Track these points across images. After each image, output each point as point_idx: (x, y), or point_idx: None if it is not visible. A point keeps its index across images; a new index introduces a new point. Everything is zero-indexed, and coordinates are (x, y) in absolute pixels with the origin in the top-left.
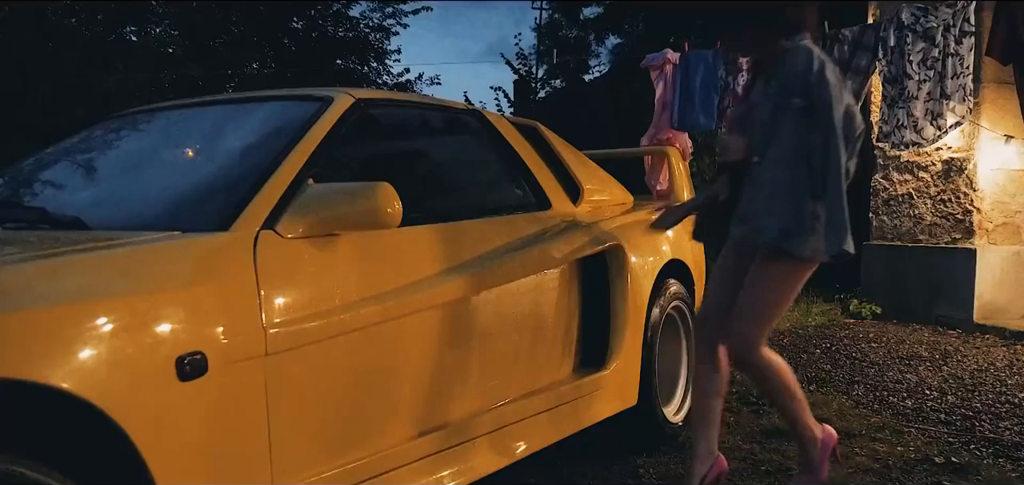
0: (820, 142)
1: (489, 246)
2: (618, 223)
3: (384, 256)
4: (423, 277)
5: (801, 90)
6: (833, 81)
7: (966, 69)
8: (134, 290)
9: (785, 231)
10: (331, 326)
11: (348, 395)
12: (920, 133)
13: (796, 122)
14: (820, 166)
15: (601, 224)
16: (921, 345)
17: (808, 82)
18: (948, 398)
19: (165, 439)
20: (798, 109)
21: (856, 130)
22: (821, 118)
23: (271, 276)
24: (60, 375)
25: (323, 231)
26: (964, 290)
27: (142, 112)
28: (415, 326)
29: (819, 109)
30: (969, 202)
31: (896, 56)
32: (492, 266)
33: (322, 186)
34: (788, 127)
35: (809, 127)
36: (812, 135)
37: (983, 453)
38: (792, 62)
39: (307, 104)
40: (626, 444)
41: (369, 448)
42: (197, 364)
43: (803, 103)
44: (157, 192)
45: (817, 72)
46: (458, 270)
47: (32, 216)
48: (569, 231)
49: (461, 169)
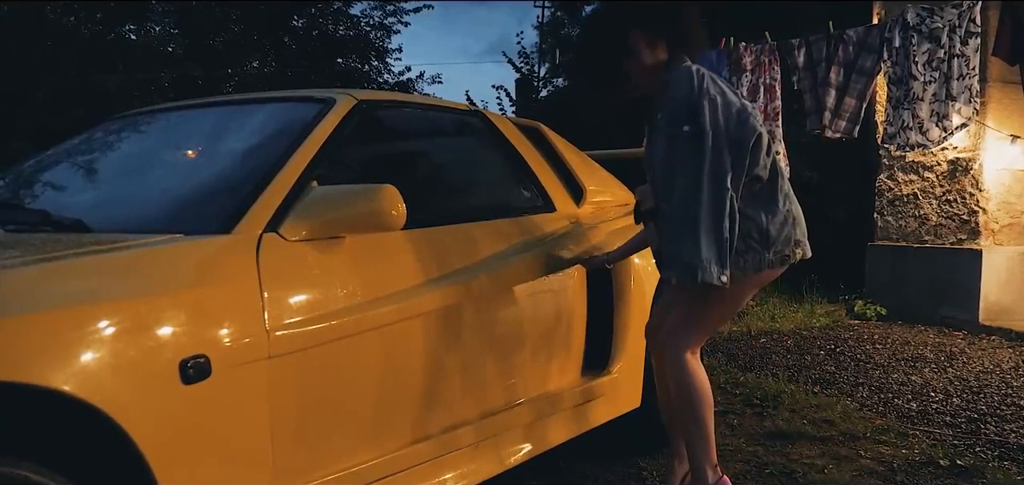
0: (694, 167)
1: (494, 249)
2: (621, 225)
3: (387, 259)
4: (427, 280)
5: (687, 115)
6: (712, 95)
7: (972, 70)
8: (137, 293)
9: (688, 267)
10: (334, 329)
11: (352, 398)
12: (925, 134)
13: (691, 149)
14: (693, 196)
15: (605, 226)
16: (926, 347)
17: (691, 105)
18: (953, 400)
19: (168, 442)
20: (689, 135)
21: (751, 133)
22: (696, 144)
23: (274, 278)
24: (63, 378)
25: (327, 233)
26: (969, 291)
27: (143, 113)
28: (419, 329)
29: (698, 134)
30: (975, 202)
31: (901, 57)
32: (497, 270)
33: (326, 188)
34: (684, 156)
35: (693, 151)
36: (692, 160)
37: (988, 456)
38: (675, 88)
39: (309, 106)
40: (628, 446)
41: (373, 451)
42: (200, 367)
43: (692, 129)
44: (159, 194)
45: (697, 92)
46: (463, 273)
47: (34, 219)
48: (574, 234)
49: (463, 171)
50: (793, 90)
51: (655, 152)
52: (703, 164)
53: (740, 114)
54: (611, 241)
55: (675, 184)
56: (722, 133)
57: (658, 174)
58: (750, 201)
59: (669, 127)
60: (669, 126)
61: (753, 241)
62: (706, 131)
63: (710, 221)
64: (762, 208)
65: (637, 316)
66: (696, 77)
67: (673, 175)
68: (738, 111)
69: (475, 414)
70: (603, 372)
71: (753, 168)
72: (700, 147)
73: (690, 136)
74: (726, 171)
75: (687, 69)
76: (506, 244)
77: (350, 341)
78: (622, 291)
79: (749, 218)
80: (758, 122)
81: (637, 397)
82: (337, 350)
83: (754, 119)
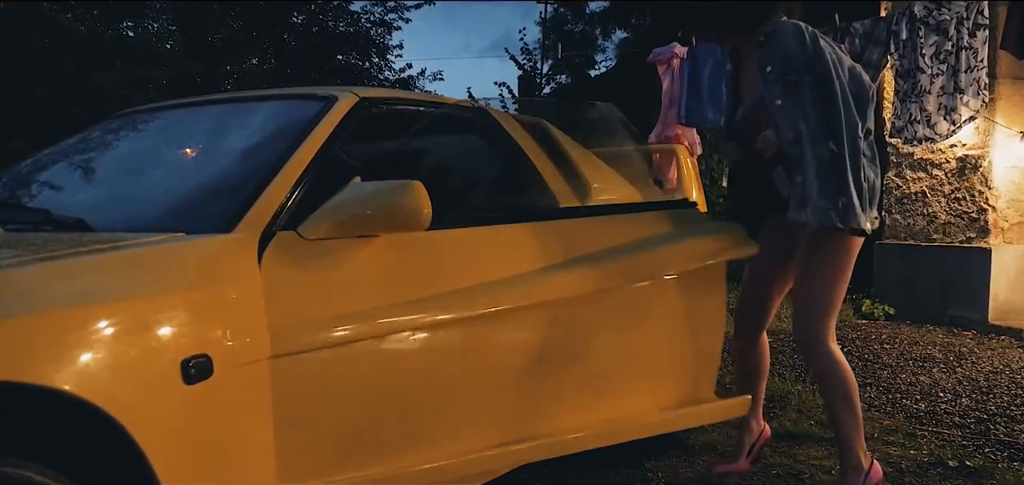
0: (834, 114)
1: (525, 255)
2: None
3: (399, 262)
4: (449, 286)
5: (802, 67)
6: (827, 48)
7: (980, 63)
8: (139, 293)
9: (844, 208)
10: (344, 333)
11: (362, 406)
12: (933, 128)
13: (812, 97)
14: (837, 139)
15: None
16: (935, 346)
17: (806, 57)
18: (962, 401)
19: (170, 443)
20: (809, 84)
21: (867, 89)
22: (825, 89)
23: (280, 277)
24: (65, 379)
25: (347, 233)
26: (979, 290)
27: (143, 112)
28: (439, 340)
29: (823, 80)
30: (984, 200)
31: (908, 50)
32: (549, 278)
33: (355, 185)
34: (807, 103)
35: (824, 99)
36: (828, 108)
37: (998, 457)
38: (782, 42)
39: (310, 103)
40: (633, 446)
41: (386, 466)
42: (202, 367)
43: (811, 78)
44: (161, 193)
45: (811, 44)
46: (498, 283)
47: (35, 218)
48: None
49: (465, 169)
50: None
51: (770, 102)
52: (836, 110)
53: (852, 70)
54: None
55: (803, 129)
56: (845, 83)
57: (781, 121)
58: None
59: (786, 75)
60: (786, 74)
61: (865, 196)
62: (832, 78)
63: (851, 164)
64: (869, 163)
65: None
66: (805, 32)
67: (803, 120)
68: (850, 67)
69: (501, 440)
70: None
71: (866, 122)
72: (830, 93)
73: (815, 83)
74: (857, 120)
75: (791, 24)
76: (544, 250)
77: (361, 346)
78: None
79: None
80: (867, 78)
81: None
82: (346, 354)
83: (865, 75)
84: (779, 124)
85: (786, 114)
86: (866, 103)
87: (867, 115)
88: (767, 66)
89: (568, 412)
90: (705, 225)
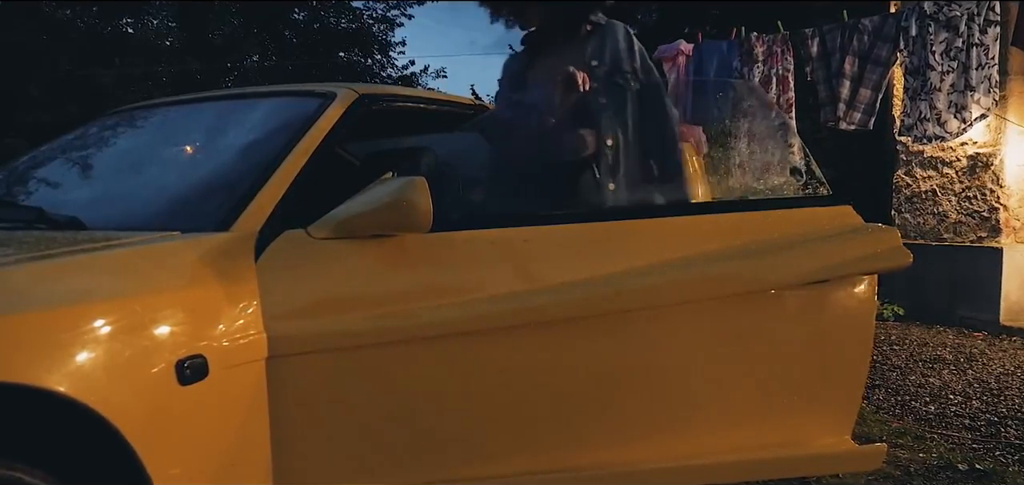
0: (660, 123)
1: (544, 258)
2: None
3: (401, 263)
4: (453, 292)
5: (629, 70)
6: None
7: (991, 60)
8: (133, 292)
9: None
10: (344, 335)
11: (366, 413)
12: (943, 126)
13: (632, 101)
14: (662, 147)
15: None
16: (945, 347)
17: (633, 62)
18: (973, 403)
19: (165, 444)
20: (632, 89)
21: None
22: (654, 98)
23: (279, 277)
24: (58, 379)
25: (348, 233)
26: (990, 290)
27: (140, 108)
28: (450, 350)
29: (651, 90)
30: (995, 199)
31: (918, 46)
32: (559, 292)
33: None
34: (628, 106)
35: (642, 105)
36: (646, 114)
37: (1008, 460)
38: (611, 40)
39: (309, 100)
40: None
41: (389, 480)
42: (197, 368)
43: (636, 84)
44: (156, 191)
45: (640, 52)
46: (528, 292)
47: (29, 216)
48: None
49: (465, 168)
50: (806, 82)
51: (593, 99)
52: (667, 119)
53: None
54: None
55: (621, 137)
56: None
57: (604, 119)
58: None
59: (615, 75)
60: (614, 74)
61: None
62: (658, 84)
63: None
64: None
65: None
66: (632, 37)
67: (621, 128)
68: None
69: (531, 470)
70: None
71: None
72: (642, 101)
73: (632, 90)
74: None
75: (620, 26)
76: (564, 253)
77: (365, 351)
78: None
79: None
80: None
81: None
82: (349, 358)
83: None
84: (601, 121)
85: (608, 115)
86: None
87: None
88: (594, 60)
89: (644, 443)
90: (853, 227)
